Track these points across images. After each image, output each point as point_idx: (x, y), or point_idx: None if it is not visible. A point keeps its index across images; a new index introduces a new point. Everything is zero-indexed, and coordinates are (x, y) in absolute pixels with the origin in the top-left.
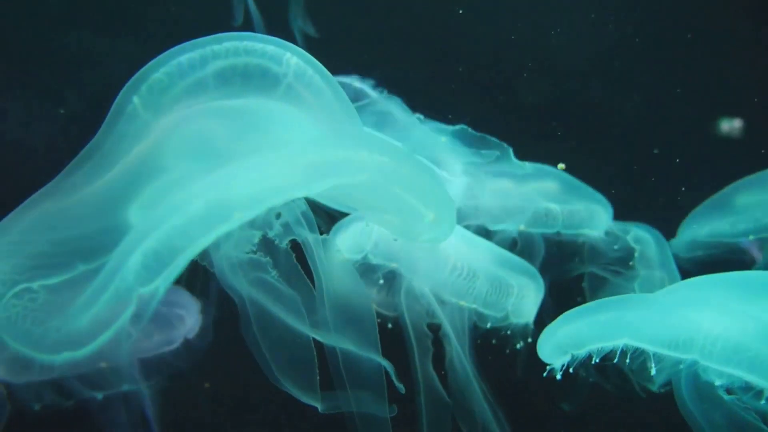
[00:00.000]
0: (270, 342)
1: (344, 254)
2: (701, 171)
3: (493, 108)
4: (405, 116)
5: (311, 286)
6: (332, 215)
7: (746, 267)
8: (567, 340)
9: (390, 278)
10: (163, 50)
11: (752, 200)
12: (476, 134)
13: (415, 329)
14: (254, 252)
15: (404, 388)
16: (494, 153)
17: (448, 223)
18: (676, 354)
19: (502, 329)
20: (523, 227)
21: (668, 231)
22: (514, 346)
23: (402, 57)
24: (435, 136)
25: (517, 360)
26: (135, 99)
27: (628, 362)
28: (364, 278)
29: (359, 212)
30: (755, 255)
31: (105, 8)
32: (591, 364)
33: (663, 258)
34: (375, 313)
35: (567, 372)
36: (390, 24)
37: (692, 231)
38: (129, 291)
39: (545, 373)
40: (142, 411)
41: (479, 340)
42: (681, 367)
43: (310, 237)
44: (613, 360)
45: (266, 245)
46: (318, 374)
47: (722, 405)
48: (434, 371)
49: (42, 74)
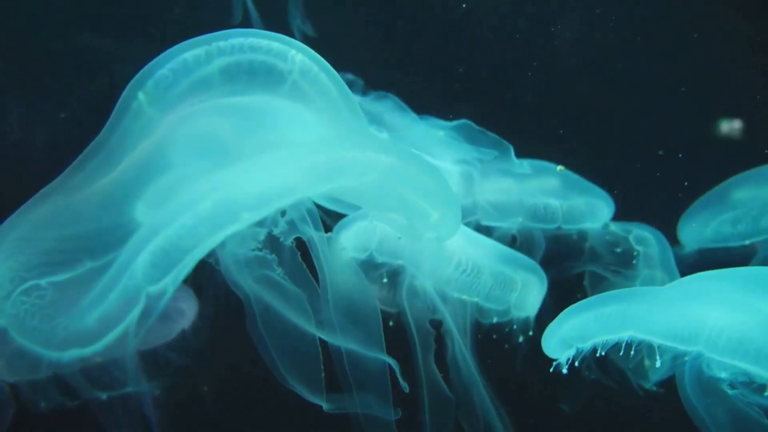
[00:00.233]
0: (275, 339)
1: (349, 252)
2: (702, 171)
3: (493, 108)
4: (401, 114)
5: (316, 285)
6: (336, 213)
7: (745, 263)
8: (572, 333)
9: (393, 275)
10: (159, 49)
11: (749, 195)
12: (478, 129)
13: (418, 326)
14: (260, 249)
15: (408, 387)
16: (494, 152)
17: (453, 223)
18: (682, 346)
19: (505, 325)
20: (522, 219)
21: (669, 231)
22: (515, 342)
23: (401, 57)
24: (432, 132)
25: (517, 355)
26: (140, 95)
27: (626, 359)
28: (368, 276)
29: (363, 210)
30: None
31: (104, 8)
32: (591, 363)
33: (664, 258)
34: (380, 312)
35: (567, 371)
36: (389, 24)
37: (692, 228)
38: (137, 289)
39: (551, 369)
40: (144, 411)
41: (480, 335)
42: (686, 359)
43: (315, 235)
44: (617, 353)
45: (272, 242)
46: (323, 372)
47: (725, 400)
48: (437, 368)
49: (43, 75)
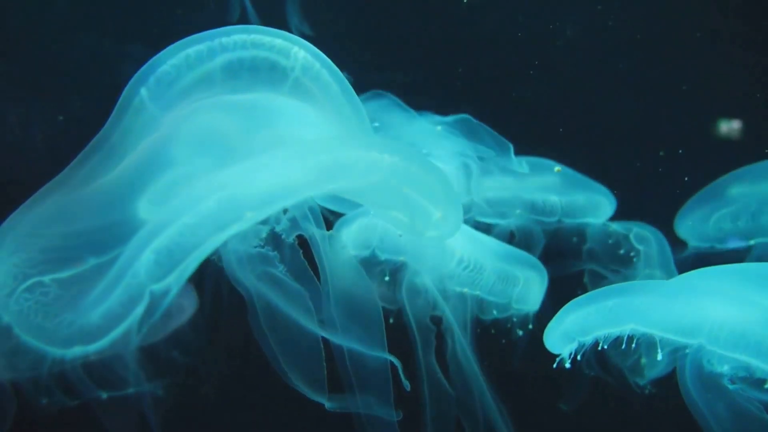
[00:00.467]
0: (277, 335)
1: (350, 250)
2: (702, 171)
3: (493, 107)
4: (397, 110)
5: (317, 282)
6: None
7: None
8: (574, 327)
9: (394, 272)
10: (158, 50)
11: (744, 191)
12: (477, 123)
13: (418, 323)
14: (262, 246)
15: (410, 385)
16: (492, 150)
17: (455, 222)
18: (684, 339)
19: (505, 320)
20: (520, 211)
21: (669, 231)
22: (516, 337)
23: (400, 56)
24: (430, 127)
25: (515, 351)
26: (143, 91)
27: (624, 357)
28: (370, 273)
29: (365, 208)
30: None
31: (104, 9)
32: (592, 360)
33: (663, 258)
34: (381, 310)
35: (566, 370)
36: (387, 23)
37: (690, 224)
38: (141, 287)
39: (555, 365)
40: (145, 410)
41: (479, 329)
42: (687, 352)
43: (317, 232)
44: (616, 351)
45: (274, 240)
46: (325, 369)
47: (726, 395)
48: (437, 364)
49: (43, 76)
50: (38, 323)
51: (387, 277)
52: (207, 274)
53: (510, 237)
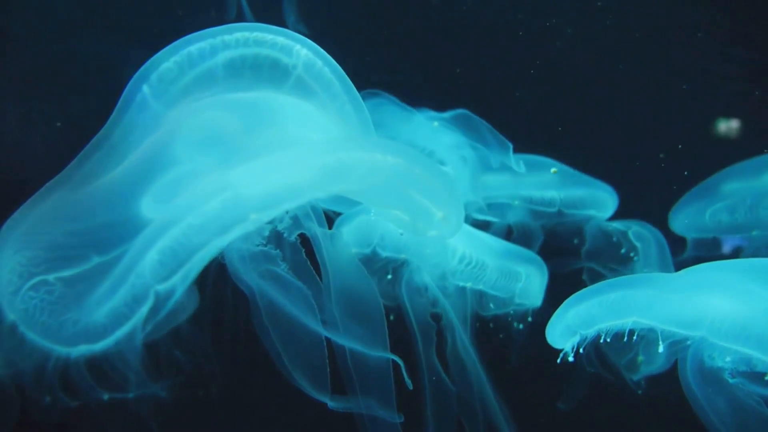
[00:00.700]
0: (280, 334)
1: (352, 248)
2: (702, 170)
3: (492, 106)
4: (395, 107)
5: (319, 280)
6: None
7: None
8: (577, 320)
9: (396, 269)
10: (147, 48)
11: (737, 186)
12: (476, 119)
13: (419, 320)
14: (264, 244)
15: (412, 384)
16: (490, 145)
17: (456, 222)
18: (685, 331)
19: (506, 316)
20: (519, 203)
21: (668, 230)
22: (516, 332)
23: (398, 56)
24: (428, 123)
25: (518, 348)
26: (145, 88)
27: (621, 354)
28: (371, 271)
29: (366, 206)
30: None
31: (105, 10)
32: (592, 356)
33: (662, 256)
34: (383, 308)
35: (566, 367)
36: (384, 22)
37: (685, 218)
38: (146, 287)
39: (559, 360)
40: (146, 410)
41: (480, 327)
42: (688, 344)
43: (319, 231)
44: (614, 348)
45: (276, 238)
46: (328, 367)
47: (726, 389)
48: (438, 361)
49: (44, 77)
50: (43, 321)
51: (389, 275)
52: (209, 272)
53: (508, 234)
